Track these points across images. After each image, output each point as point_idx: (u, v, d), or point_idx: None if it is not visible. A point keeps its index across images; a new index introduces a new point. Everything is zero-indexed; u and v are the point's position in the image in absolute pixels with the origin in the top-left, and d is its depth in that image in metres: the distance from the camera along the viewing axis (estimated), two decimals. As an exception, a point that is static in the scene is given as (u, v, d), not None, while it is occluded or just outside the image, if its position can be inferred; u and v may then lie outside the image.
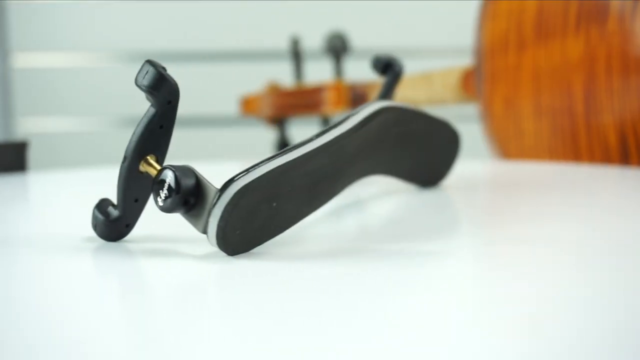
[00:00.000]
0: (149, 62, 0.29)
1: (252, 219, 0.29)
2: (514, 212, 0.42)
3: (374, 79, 1.01)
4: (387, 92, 0.43)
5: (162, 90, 0.29)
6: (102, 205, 0.32)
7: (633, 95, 0.63)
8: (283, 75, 1.26)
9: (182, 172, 0.28)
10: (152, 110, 0.30)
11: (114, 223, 0.31)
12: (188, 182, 0.28)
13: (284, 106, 1.04)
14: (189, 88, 1.56)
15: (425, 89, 0.89)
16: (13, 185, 0.60)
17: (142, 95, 0.30)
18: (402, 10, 1.52)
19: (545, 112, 0.71)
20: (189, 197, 0.28)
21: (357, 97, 0.97)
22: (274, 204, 0.30)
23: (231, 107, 1.38)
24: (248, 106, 1.10)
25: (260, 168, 0.29)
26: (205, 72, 1.54)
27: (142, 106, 0.30)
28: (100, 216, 0.31)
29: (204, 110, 1.54)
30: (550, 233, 0.34)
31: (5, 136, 1.53)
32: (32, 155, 0.72)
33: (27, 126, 1.56)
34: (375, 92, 0.96)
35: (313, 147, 0.31)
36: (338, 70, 1.03)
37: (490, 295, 0.25)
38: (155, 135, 0.30)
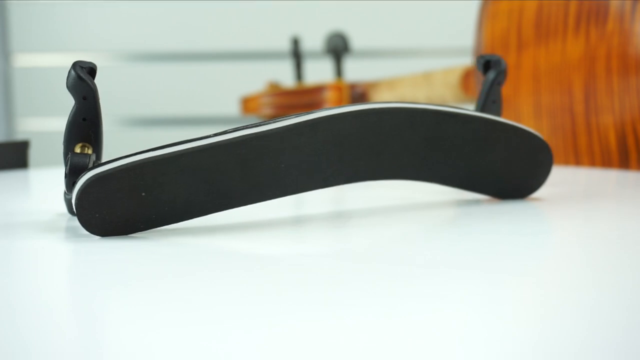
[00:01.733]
0: (73, 64, 0.32)
1: (114, 205, 0.31)
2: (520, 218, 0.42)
3: (374, 78, 1.01)
4: (488, 91, 0.42)
5: (78, 88, 0.32)
6: None
7: (633, 95, 0.63)
8: (283, 75, 1.27)
9: (76, 159, 0.32)
10: (75, 106, 0.34)
11: (69, 200, 0.37)
12: (75, 168, 0.32)
13: (284, 106, 1.04)
14: (189, 88, 1.57)
15: (425, 89, 0.89)
16: (13, 179, 0.62)
17: (141, 95, 0.31)
18: (402, 10, 1.52)
19: (545, 111, 0.71)
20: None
21: (357, 96, 0.97)
22: (143, 194, 0.32)
23: (232, 107, 1.39)
24: (248, 106, 1.10)
25: (121, 160, 0.31)
26: (205, 72, 1.54)
27: (141, 106, 0.31)
28: (65, 194, 0.37)
29: (205, 110, 1.54)
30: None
31: (6, 135, 1.54)
32: (33, 154, 0.73)
33: (28, 126, 1.56)
34: (376, 92, 0.96)
35: (200, 144, 0.32)
36: (338, 70, 1.03)
37: (491, 296, 0.25)
38: (79, 126, 0.34)
